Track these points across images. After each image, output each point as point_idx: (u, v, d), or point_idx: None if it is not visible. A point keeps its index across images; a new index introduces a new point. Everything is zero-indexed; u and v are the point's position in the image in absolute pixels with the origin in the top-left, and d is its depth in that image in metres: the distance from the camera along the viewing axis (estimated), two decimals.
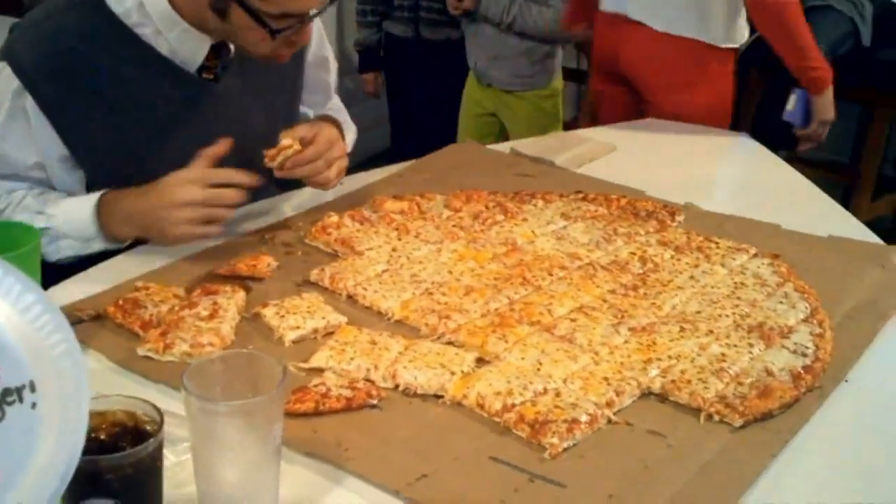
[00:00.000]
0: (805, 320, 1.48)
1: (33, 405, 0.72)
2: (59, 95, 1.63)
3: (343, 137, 1.87)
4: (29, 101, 1.63)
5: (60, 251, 1.67)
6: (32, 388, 0.71)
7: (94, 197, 1.64)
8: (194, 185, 1.57)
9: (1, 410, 0.70)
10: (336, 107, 2.10)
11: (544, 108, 3.49)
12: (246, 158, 1.66)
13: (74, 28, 1.64)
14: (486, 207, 1.85)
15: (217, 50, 1.74)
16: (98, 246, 1.66)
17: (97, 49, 1.64)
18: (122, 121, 1.68)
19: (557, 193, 1.94)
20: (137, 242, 1.70)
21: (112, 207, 1.63)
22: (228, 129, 1.72)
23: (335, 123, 1.87)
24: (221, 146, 1.62)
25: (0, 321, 0.71)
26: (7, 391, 0.70)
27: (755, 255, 1.69)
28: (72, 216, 1.64)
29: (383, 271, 1.59)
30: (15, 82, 1.62)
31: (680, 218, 1.86)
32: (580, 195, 1.94)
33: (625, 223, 1.81)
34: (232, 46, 1.76)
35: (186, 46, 1.69)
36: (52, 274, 1.64)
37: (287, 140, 1.65)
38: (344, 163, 1.79)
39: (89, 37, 1.64)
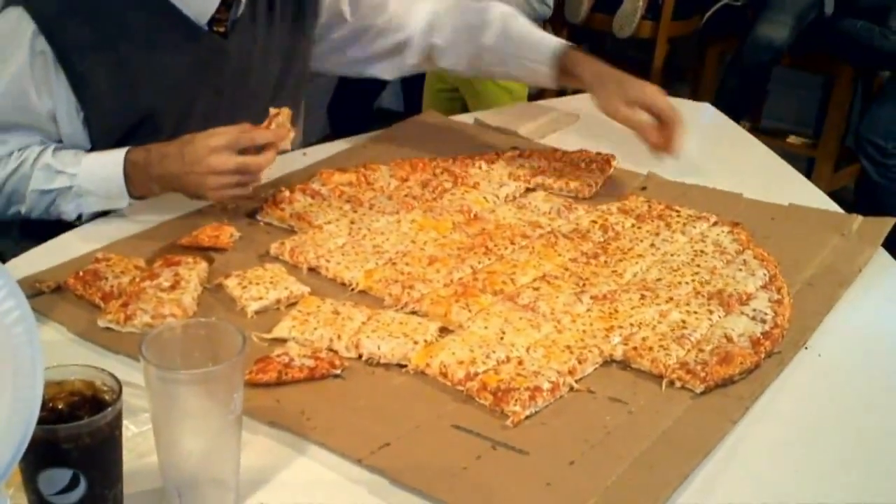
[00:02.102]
0: (764, 287, 1.49)
1: None
2: (72, 41, 1.63)
3: None
4: (45, 45, 1.61)
5: (81, 208, 1.68)
6: None
7: (120, 155, 1.64)
8: (225, 153, 1.57)
9: None
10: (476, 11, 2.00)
11: (508, 86, 3.46)
12: (250, 119, 1.64)
13: None
14: (434, 175, 1.85)
15: (228, 4, 1.73)
16: (123, 203, 1.66)
17: None
18: (129, 72, 1.68)
19: (495, 153, 1.96)
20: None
21: (139, 167, 1.63)
22: (235, 87, 1.73)
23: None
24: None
25: None
26: None
27: (715, 223, 1.70)
28: (97, 175, 1.65)
29: (344, 243, 1.58)
30: (31, 26, 1.61)
31: (615, 163, 1.91)
32: (516, 152, 1.97)
33: (573, 174, 1.86)
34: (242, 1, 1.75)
35: None
36: (13, 246, 1.64)
37: (273, 109, 1.64)
38: None
39: None
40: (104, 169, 1.64)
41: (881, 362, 1.40)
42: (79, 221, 1.70)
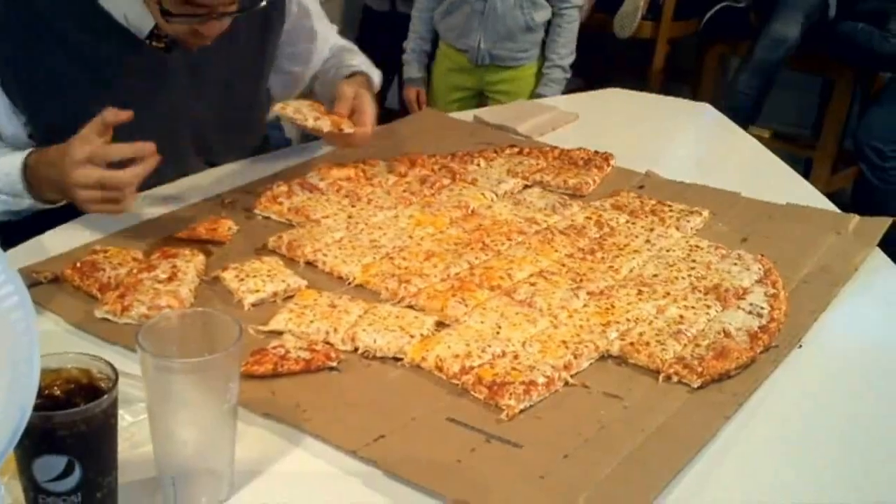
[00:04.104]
0: (759, 281, 1.50)
1: None
2: (2, 38, 1.60)
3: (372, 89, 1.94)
4: None
5: None
6: None
7: (22, 156, 1.59)
8: (87, 166, 1.48)
9: None
10: (342, 50, 2.10)
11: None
12: (196, 134, 1.62)
13: None
14: (433, 171, 1.86)
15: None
16: (28, 203, 1.62)
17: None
18: (63, 81, 1.65)
19: (492, 150, 1.97)
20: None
21: (35, 170, 1.58)
22: (176, 101, 1.70)
23: (367, 81, 1.95)
24: (121, 115, 1.50)
25: None
26: None
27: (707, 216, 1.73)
28: (2, 171, 1.60)
29: (342, 237, 1.59)
30: None
31: (613, 161, 1.93)
32: (515, 149, 1.99)
33: (571, 172, 1.88)
34: None
35: (134, 9, 1.65)
36: (12, 236, 1.63)
37: (277, 105, 1.62)
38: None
39: None
40: (7, 167, 1.59)
41: (875, 361, 1.40)
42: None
